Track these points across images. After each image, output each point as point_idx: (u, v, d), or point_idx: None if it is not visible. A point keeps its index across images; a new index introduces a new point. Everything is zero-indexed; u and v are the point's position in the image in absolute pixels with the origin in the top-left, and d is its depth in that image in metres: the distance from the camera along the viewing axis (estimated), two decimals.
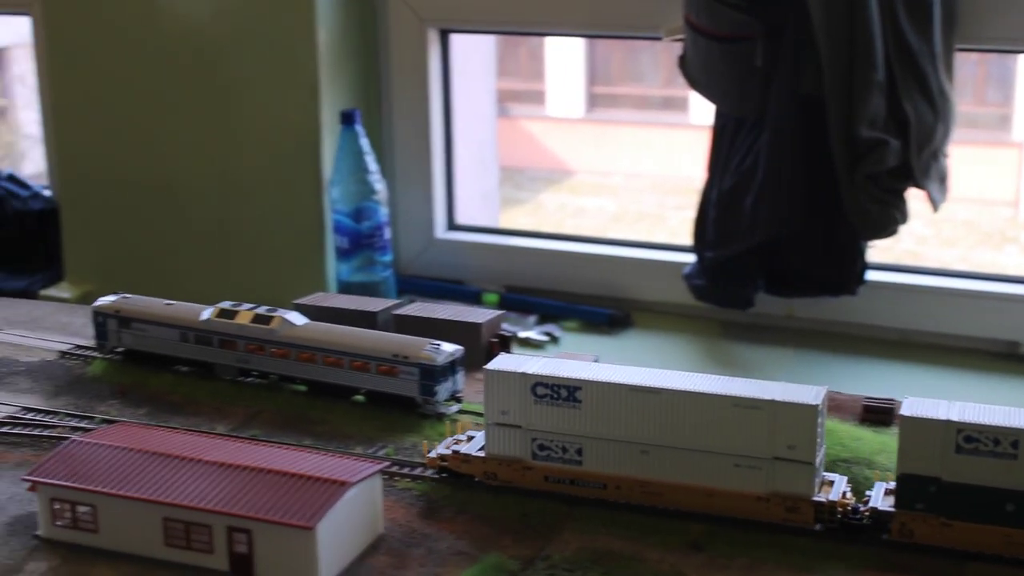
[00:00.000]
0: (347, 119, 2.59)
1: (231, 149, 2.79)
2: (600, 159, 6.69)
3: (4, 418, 1.62)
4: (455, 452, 1.44)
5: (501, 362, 1.41)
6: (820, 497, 1.32)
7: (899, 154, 2.24)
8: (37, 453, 1.53)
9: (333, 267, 2.71)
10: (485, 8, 2.77)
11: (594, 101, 6.98)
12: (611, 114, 6.90)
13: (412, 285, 2.82)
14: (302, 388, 1.69)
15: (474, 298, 2.77)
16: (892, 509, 1.30)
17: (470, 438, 1.46)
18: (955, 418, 1.25)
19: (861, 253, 2.41)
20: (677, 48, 2.46)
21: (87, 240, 3.00)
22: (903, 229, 2.34)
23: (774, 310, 2.59)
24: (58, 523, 1.33)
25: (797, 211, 2.34)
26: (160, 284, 2.35)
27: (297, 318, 1.70)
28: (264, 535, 1.26)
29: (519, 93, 6.86)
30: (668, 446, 1.34)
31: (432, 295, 2.75)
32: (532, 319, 2.69)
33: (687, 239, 2.55)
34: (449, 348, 1.61)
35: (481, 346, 1.70)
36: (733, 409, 1.31)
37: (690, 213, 2.53)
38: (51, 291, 2.96)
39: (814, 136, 2.28)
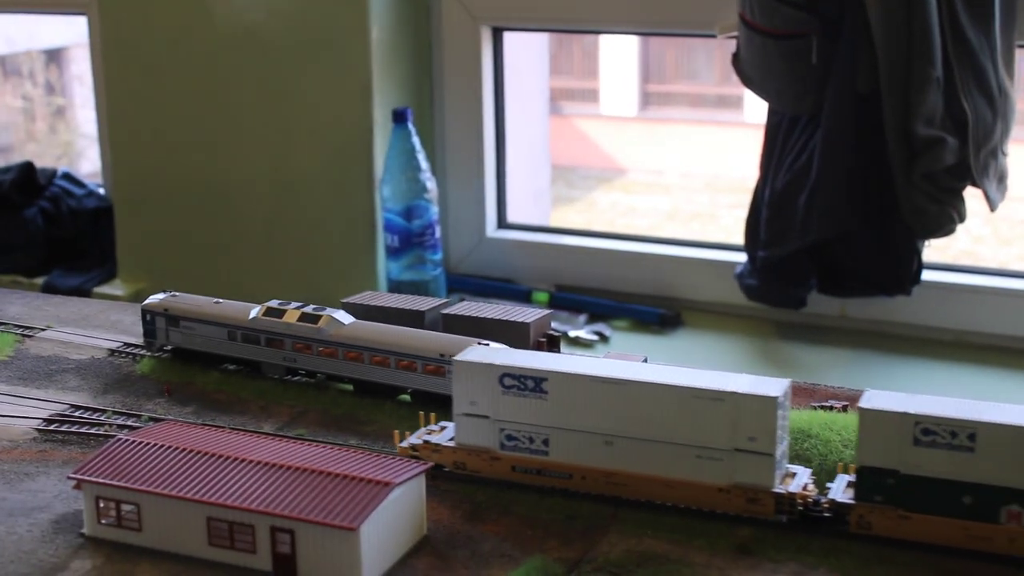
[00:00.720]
0: (399, 117, 2.59)
1: (283, 148, 2.80)
2: (653, 157, 6.66)
3: (52, 415, 1.62)
4: (426, 442, 1.44)
5: (470, 353, 1.42)
6: (781, 489, 1.31)
7: (956, 152, 2.20)
8: (84, 451, 1.53)
9: (383, 265, 2.71)
10: (538, 6, 2.76)
11: (647, 99, 6.95)
12: (664, 112, 6.87)
13: (462, 283, 2.82)
14: (348, 387, 1.69)
15: (524, 297, 2.76)
16: (852, 501, 1.29)
17: (442, 428, 1.47)
18: (912, 411, 1.25)
19: (917, 252, 2.38)
20: (732, 45, 2.43)
21: (140, 238, 3.01)
22: (959, 228, 2.30)
23: (827, 310, 2.56)
24: (103, 521, 1.33)
25: (852, 210, 2.31)
26: (212, 282, 2.36)
27: (344, 317, 1.69)
28: (307, 535, 1.25)
29: (572, 91, 6.84)
30: (632, 437, 1.35)
31: (482, 294, 2.74)
32: (582, 318, 2.67)
33: (740, 238, 2.53)
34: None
35: (530, 346, 1.68)
36: (694, 401, 1.31)
37: (743, 212, 2.51)
38: (104, 289, 2.99)
39: (870, 134, 2.25)
